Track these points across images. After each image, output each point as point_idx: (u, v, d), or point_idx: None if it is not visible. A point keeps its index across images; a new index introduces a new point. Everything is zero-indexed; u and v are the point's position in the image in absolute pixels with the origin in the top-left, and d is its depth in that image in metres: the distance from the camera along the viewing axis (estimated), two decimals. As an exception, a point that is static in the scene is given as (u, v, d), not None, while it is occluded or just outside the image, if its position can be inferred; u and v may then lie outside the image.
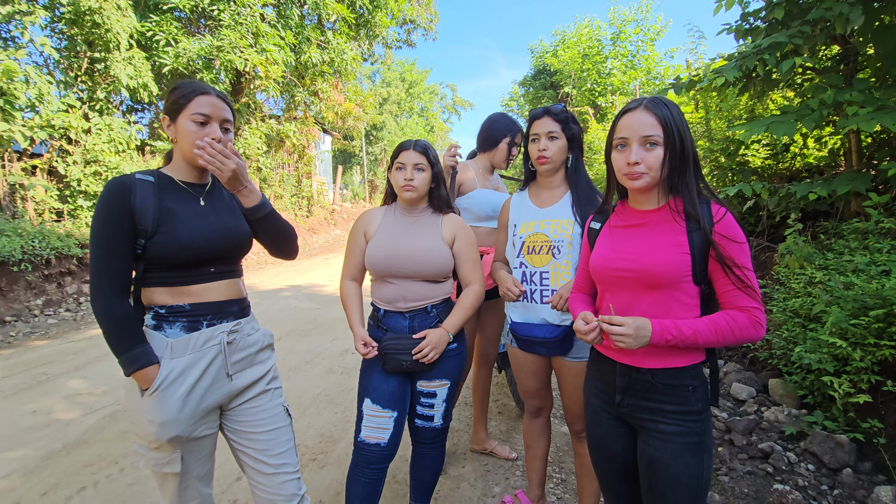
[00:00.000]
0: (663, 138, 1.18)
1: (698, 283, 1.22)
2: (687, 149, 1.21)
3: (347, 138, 22.51)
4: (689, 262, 1.20)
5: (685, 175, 1.21)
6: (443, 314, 1.73)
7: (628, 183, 1.24)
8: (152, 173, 1.33)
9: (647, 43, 11.18)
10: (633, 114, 1.22)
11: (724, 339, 1.17)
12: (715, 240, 1.17)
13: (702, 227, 1.18)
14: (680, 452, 1.23)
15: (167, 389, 1.25)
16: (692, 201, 1.20)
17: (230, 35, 8.60)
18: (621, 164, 1.23)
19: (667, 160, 1.19)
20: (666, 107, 1.21)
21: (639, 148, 1.20)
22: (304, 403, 3.33)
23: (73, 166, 7.10)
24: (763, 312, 1.18)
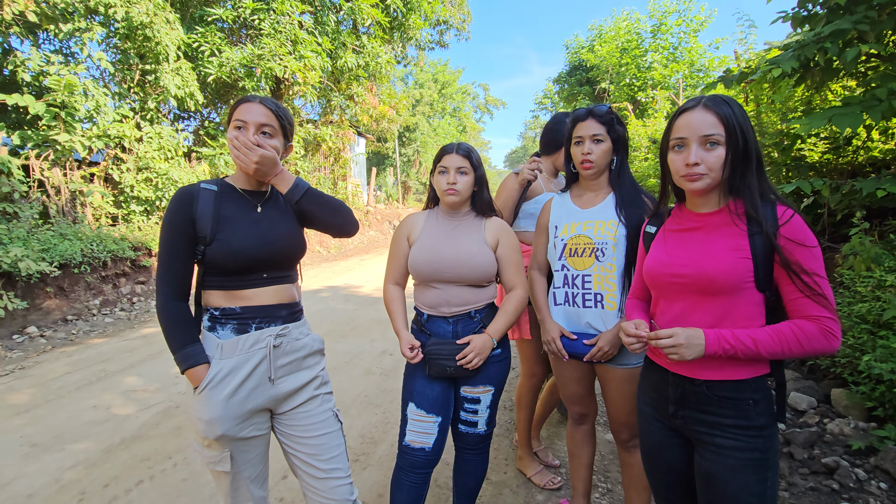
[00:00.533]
0: (725, 137, 1.13)
1: (762, 290, 1.15)
2: (750, 148, 1.14)
3: (381, 140, 22.79)
4: (750, 268, 1.13)
5: (747, 176, 1.15)
6: (486, 319, 1.70)
7: (687, 185, 1.18)
8: (217, 182, 1.41)
9: (690, 34, 10.73)
10: (691, 113, 1.17)
11: (791, 350, 1.09)
12: (780, 244, 1.10)
13: (764, 231, 1.11)
14: (739, 469, 1.16)
15: (214, 388, 1.30)
16: (754, 203, 1.13)
17: (270, 43, 8.86)
18: (679, 165, 1.17)
19: (728, 160, 1.13)
20: (727, 105, 1.15)
21: (698, 148, 1.14)
22: (345, 404, 3.38)
23: (126, 173, 7.49)
24: (836, 322, 1.09)
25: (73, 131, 6.58)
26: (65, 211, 6.64)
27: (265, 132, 1.36)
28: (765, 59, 3.41)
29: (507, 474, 2.50)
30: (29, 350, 4.73)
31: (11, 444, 2.84)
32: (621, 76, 11.83)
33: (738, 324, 1.16)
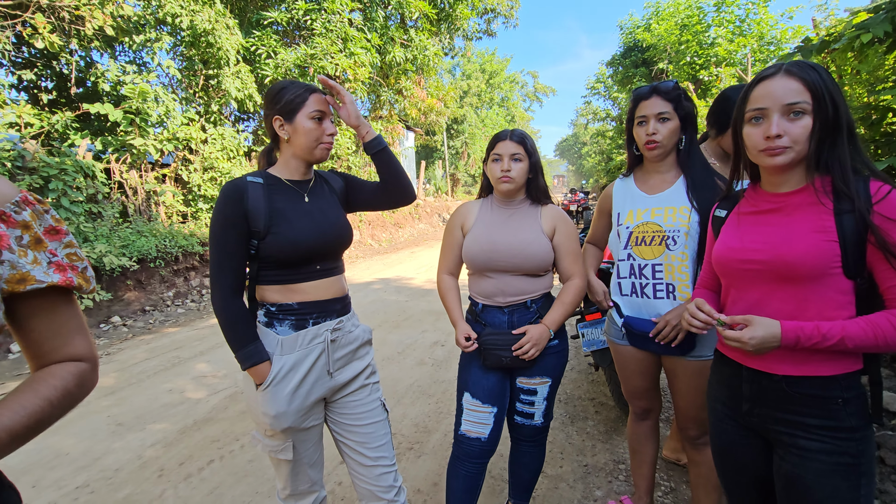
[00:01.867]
0: (812, 105, 1.00)
1: (852, 277, 1.02)
2: (841, 116, 1.01)
3: (429, 133, 22.91)
4: (837, 252, 1.01)
5: (837, 147, 1.02)
6: (542, 309, 1.65)
7: (766, 160, 1.07)
8: (261, 174, 1.39)
9: (760, 4, 9.89)
10: (771, 80, 1.05)
11: (888, 344, 0.97)
12: (875, 222, 0.97)
13: (856, 209, 0.98)
14: (826, 473, 1.05)
15: (279, 385, 1.32)
16: (846, 178, 1.01)
17: (322, 42, 9.10)
18: (758, 139, 1.06)
19: (816, 131, 1.01)
20: (814, 70, 1.02)
21: (781, 118, 1.03)
22: (399, 393, 3.43)
23: (193, 174, 7.99)
24: None
25: (146, 135, 7.09)
26: (141, 210, 7.18)
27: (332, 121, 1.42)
28: (851, 24, 3.07)
29: (564, 468, 2.44)
30: (113, 338, 5.17)
31: (100, 423, 3.12)
32: (681, 55, 11.14)
33: (822, 314, 1.04)
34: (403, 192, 1.54)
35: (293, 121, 1.35)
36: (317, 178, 1.50)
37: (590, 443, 2.68)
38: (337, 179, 1.56)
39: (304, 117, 1.34)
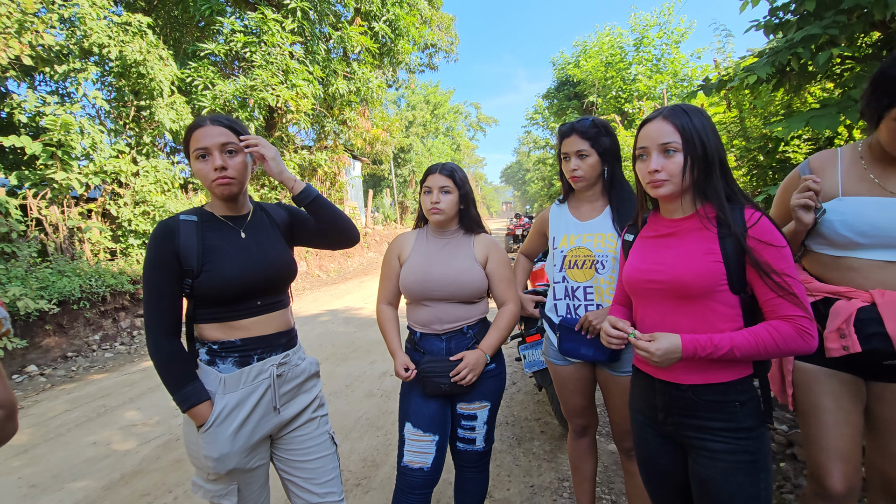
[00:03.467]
0: (682, 145, 1.17)
1: (737, 292, 1.17)
2: (710, 153, 1.18)
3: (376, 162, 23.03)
4: (723, 271, 1.15)
5: (712, 180, 1.18)
6: (479, 335, 1.72)
7: (652, 191, 1.23)
8: (196, 212, 1.38)
9: (672, 46, 10.99)
10: (651, 124, 1.23)
11: (767, 351, 1.10)
12: (749, 245, 1.13)
13: (733, 233, 1.14)
14: (731, 472, 1.16)
15: (221, 425, 1.28)
16: (722, 206, 1.17)
17: (262, 74, 9.04)
18: (643, 173, 1.23)
19: (688, 166, 1.17)
20: (686, 114, 1.19)
21: (658, 156, 1.19)
22: (346, 428, 3.35)
23: (123, 208, 7.56)
24: (811, 321, 1.11)
25: (69, 169, 6.66)
26: (63, 248, 6.67)
27: (230, 151, 1.32)
28: (741, 66, 3.50)
29: (511, 490, 2.48)
30: (28, 389, 4.70)
31: (10, 486, 2.81)
32: (607, 89, 12.05)
33: (715, 327, 1.17)
34: (345, 236, 1.54)
35: (189, 162, 1.35)
36: (257, 211, 1.49)
37: (536, 463, 2.74)
38: (281, 212, 1.55)
39: (193, 158, 1.33)
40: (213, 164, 1.30)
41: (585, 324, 1.68)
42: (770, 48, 3.25)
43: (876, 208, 1.32)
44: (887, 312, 1.26)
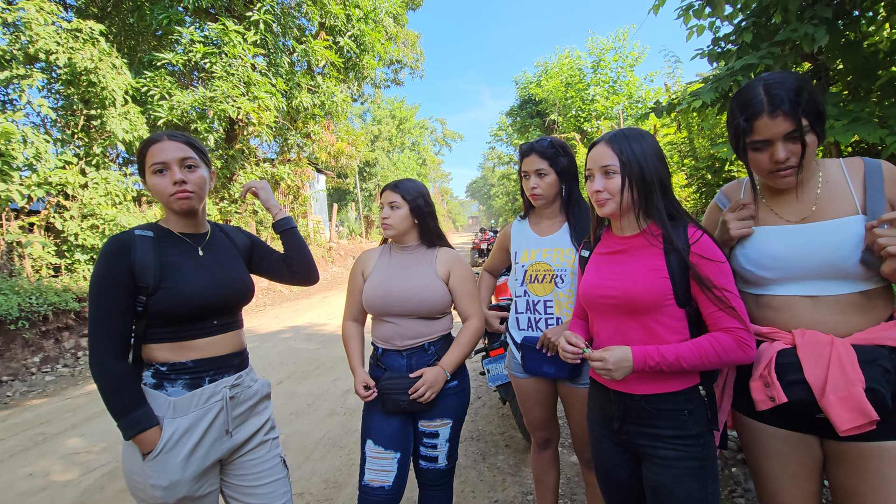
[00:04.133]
0: (619, 167, 1.24)
1: (683, 306, 1.24)
2: (648, 176, 1.24)
3: (341, 176, 22.85)
4: (669, 286, 1.22)
5: (653, 199, 1.25)
6: (441, 351, 1.72)
7: (598, 209, 1.31)
8: (152, 227, 1.34)
9: (627, 69, 11.57)
10: (596, 147, 1.31)
11: (710, 361, 1.17)
12: (692, 261, 1.19)
13: (677, 249, 1.21)
14: (681, 478, 1.22)
15: (171, 451, 1.23)
16: (664, 224, 1.24)
17: (222, 86, 8.86)
18: (590, 192, 1.31)
19: (626, 186, 1.24)
20: (626, 139, 1.27)
21: (600, 177, 1.28)
22: (308, 448, 3.26)
23: (70, 221, 7.16)
24: (748, 332, 1.17)
25: (9, 180, 6.27)
26: (0, 264, 6.24)
27: (189, 165, 1.31)
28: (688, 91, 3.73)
29: (476, 507, 2.47)
30: (-44, 418, 4.32)
31: (-69, 525, 2.57)
32: (568, 108, 12.51)
33: (664, 339, 1.23)
34: (307, 272, 1.61)
35: (145, 178, 1.32)
36: (216, 231, 1.48)
37: (500, 477, 2.75)
38: (242, 237, 1.56)
39: (149, 173, 1.30)
40: (173, 178, 1.28)
41: (546, 342, 1.72)
42: (714, 75, 3.47)
43: (772, 237, 1.23)
44: (807, 355, 1.11)
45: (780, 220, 1.24)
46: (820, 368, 1.09)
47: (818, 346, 1.11)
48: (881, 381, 1.05)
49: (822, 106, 1.13)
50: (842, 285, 1.15)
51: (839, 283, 1.15)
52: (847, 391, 1.05)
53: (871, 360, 1.07)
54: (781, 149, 1.13)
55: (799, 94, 1.09)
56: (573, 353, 1.28)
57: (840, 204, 1.17)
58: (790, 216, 1.23)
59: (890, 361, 1.07)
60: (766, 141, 1.14)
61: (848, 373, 1.06)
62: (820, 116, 1.12)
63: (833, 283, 1.15)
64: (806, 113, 1.10)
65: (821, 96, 1.13)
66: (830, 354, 1.09)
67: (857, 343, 1.10)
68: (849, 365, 1.06)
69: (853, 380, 1.05)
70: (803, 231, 1.19)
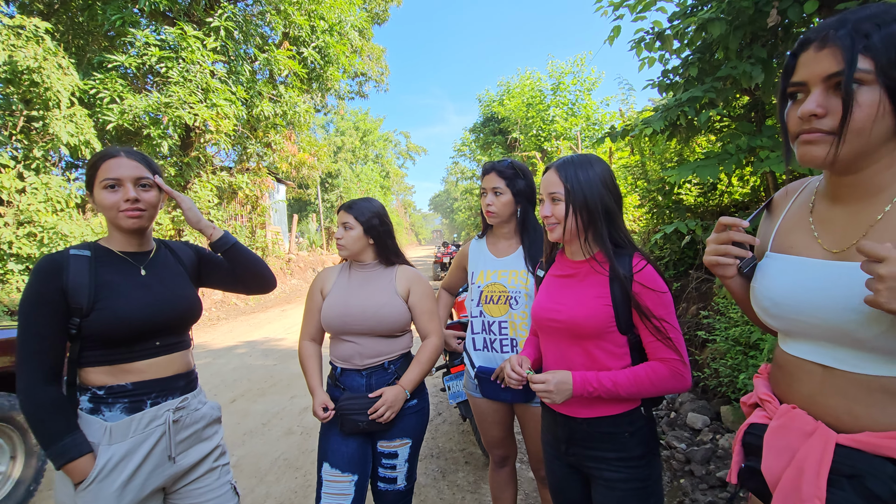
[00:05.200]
0: (564, 195, 1.27)
1: (625, 333, 1.26)
2: (592, 204, 1.25)
3: (302, 187, 22.46)
4: (612, 314, 1.24)
5: (597, 227, 1.27)
6: (401, 370, 1.72)
7: (549, 234, 1.35)
8: (89, 246, 1.30)
9: (584, 92, 12.10)
10: (546, 174, 1.35)
11: (645, 389, 1.20)
12: (634, 290, 1.21)
13: (620, 277, 1.21)
14: (625, 499, 1.25)
15: (105, 480, 1.17)
16: (607, 252, 1.25)
17: (179, 91, 8.57)
18: (542, 216, 1.36)
19: (570, 213, 1.27)
20: (573, 166, 1.29)
21: (549, 202, 1.32)
22: (262, 470, 3.14)
23: (4, 228, 6.67)
24: (683, 364, 1.20)
25: (-65, 183, 5.80)
26: (-81, 274, 5.72)
27: (143, 185, 1.29)
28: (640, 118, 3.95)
29: (434, 527, 2.45)
30: None
31: None
32: (529, 127, 12.90)
33: (605, 365, 1.26)
34: (261, 281, 1.56)
35: (93, 193, 1.29)
36: (160, 248, 1.43)
37: (460, 495, 2.74)
38: (188, 252, 1.51)
39: (98, 188, 1.26)
40: (126, 195, 1.25)
41: (501, 375, 1.73)
42: (663, 104, 3.70)
43: (783, 272, 0.88)
44: (772, 442, 0.85)
45: (815, 249, 0.85)
46: (779, 464, 0.82)
47: (790, 435, 0.83)
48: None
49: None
50: (869, 360, 0.77)
51: (866, 357, 0.77)
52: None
53: (855, 475, 0.74)
54: (814, 97, 0.76)
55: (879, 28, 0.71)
56: (517, 379, 1.30)
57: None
58: (830, 243, 0.83)
59: (888, 484, 0.72)
60: (802, 84, 0.79)
61: (805, 483, 0.76)
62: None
63: (857, 354, 0.78)
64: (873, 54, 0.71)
65: None
66: (798, 450, 0.80)
67: (853, 445, 0.76)
68: (811, 472, 0.76)
69: (808, 494, 0.75)
70: (824, 270, 0.80)
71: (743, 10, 2.85)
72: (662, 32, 3.38)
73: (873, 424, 0.76)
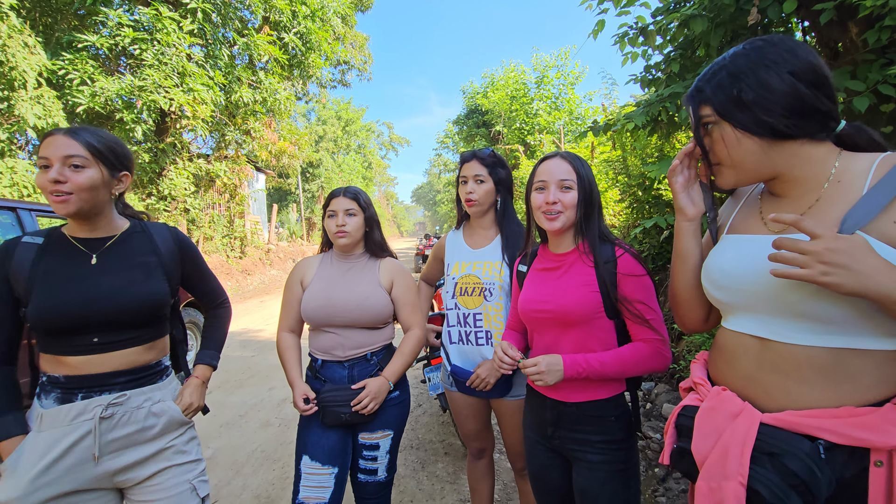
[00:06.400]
0: (577, 183, 1.32)
1: (612, 318, 1.32)
2: (595, 196, 1.35)
3: (283, 176, 22.06)
4: (599, 300, 1.30)
5: (591, 218, 1.35)
6: (383, 361, 1.71)
7: (546, 223, 1.35)
8: (46, 232, 1.27)
9: (568, 87, 12.14)
10: (551, 161, 1.36)
11: (630, 369, 1.26)
12: (617, 277, 1.29)
13: (606, 264, 1.30)
14: (607, 481, 1.29)
15: (20, 466, 1.14)
16: (594, 242, 1.33)
17: (153, 75, 8.29)
18: (540, 202, 1.34)
19: (580, 202, 1.32)
20: (578, 160, 1.37)
21: (556, 190, 1.32)
22: (238, 462, 3.10)
23: (-35, 214, 6.38)
24: (664, 343, 1.28)
25: None
26: None
27: (75, 165, 1.19)
28: (623, 113, 3.98)
29: (414, 517, 2.46)
30: None
31: None
32: (512, 121, 12.90)
33: (594, 349, 1.31)
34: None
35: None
36: (132, 233, 1.35)
37: (439, 486, 2.75)
38: (169, 243, 1.40)
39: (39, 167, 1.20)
40: (49, 176, 1.16)
41: (476, 381, 1.71)
42: (645, 100, 3.73)
43: (732, 246, 0.95)
44: (702, 424, 0.88)
45: (761, 228, 0.92)
46: (707, 444, 0.85)
47: (718, 416, 0.86)
48: (775, 485, 0.75)
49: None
50: (801, 329, 0.81)
51: (798, 326, 0.81)
52: (718, 483, 0.80)
53: (775, 454, 0.77)
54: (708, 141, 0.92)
55: (708, 83, 0.89)
56: (510, 364, 1.33)
57: (836, 210, 0.82)
58: (774, 224, 0.91)
59: (804, 462, 0.75)
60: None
61: (728, 461, 0.80)
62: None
63: (790, 323, 0.82)
64: (710, 102, 0.88)
65: None
66: (725, 431, 0.83)
67: (777, 424, 0.80)
68: (736, 451, 0.79)
69: (731, 472, 0.79)
70: (766, 244, 0.84)
71: (724, 7, 2.89)
72: (646, 28, 3.39)
73: (802, 401, 0.80)
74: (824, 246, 0.69)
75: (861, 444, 0.74)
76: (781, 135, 0.84)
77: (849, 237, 0.71)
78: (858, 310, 0.75)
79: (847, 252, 0.69)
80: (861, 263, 0.69)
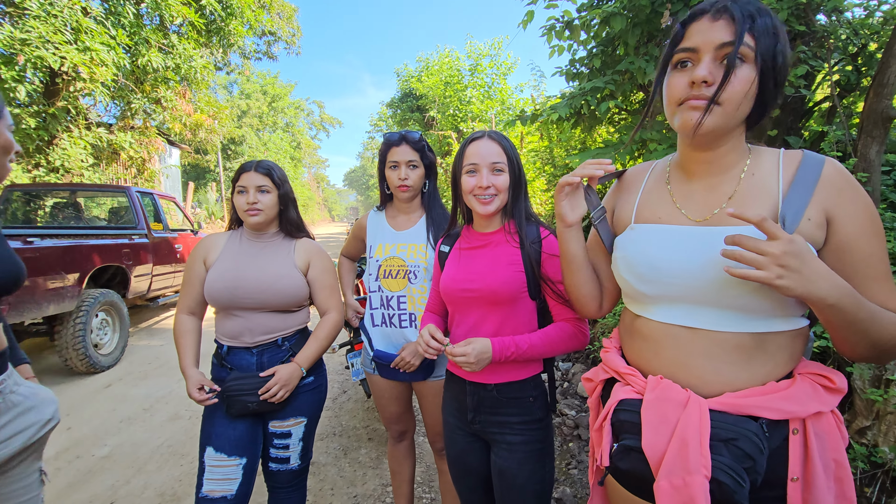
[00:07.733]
0: (507, 165, 1.31)
1: (534, 299, 1.34)
2: (522, 177, 1.36)
3: (200, 152, 20.41)
4: (524, 279, 1.31)
5: (519, 199, 1.35)
6: (296, 347, 1.63)
7: (480, 207, 1.32)
8: None
9: (500, 77, 12.31)
10: (480, 142, 1.33)
11: (556, 348, 1.30)
12: (542, 257, 1.31)
13: (532, 244, 1.32)
14: (525, 461, 1.33)
15: None
16: (521, 223, 1.34)
17: (39, 27, 7.24)
18: (472, 186, 1.31)
19: (511, 185, 1.32)
20: (506, 140, 1.35)
21: (489, 173, 1.30)
22: (141, 459, 2.86)
23: None
24: (584, 322, 1.33)
25: None
26: None
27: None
28: (548, 104, 4.10)
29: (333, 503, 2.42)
30: None
31: None
32: (446, 106, 12.86)
33: (517, 330, 1.33)
34: None
35: None
36: None
37: (361, 472, 2.72)
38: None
39: None
40: None
41: (401, 363, 1.71)
42: (570, 93, 3.86)
43: (657, 238, 0.93)
44: (650, 416, 0.85)
45: (681, 218, 0.93)
46: (661, 439, 0.81)
47: (667, 407, 0.84)
48: (734, 471, 0.75)
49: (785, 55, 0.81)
50: (728, 318, 0.85)
51: (725, 315, 0.85)
52: (682, 479, 0.76)
53: (730, 439, 0.78)
54: (706, 64, 0.81)
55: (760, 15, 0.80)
56: (436, 349, 1.30)
57: (757, 205, 0.85)
58: (694, 213, 0.91)
59: (755, 442, 0.77)
60: (693, 50, 0.83)
61: (690, 454, 0.77)
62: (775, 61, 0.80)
63: (718, 313, 0.85)
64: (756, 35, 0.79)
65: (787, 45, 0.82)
66: (678, 422, 0.81)
67: (722, 409, 0.81)
68: (695, 442, 0.77)
69: (695, 465, 0.76)
70: (695, 235, 0.87)
71: (641, 7, 3.04)
72: (571, 22, 3.49)
73: (736, 381, 0.84)
74: (782, 249, 0.70)
75: (788, 416, 0.80)
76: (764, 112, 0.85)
77: (799, 240, 0.72)
78: (773, 300, 0.81)
79: (799, 256, 0.70)
80: (808, 268, 0.71)
